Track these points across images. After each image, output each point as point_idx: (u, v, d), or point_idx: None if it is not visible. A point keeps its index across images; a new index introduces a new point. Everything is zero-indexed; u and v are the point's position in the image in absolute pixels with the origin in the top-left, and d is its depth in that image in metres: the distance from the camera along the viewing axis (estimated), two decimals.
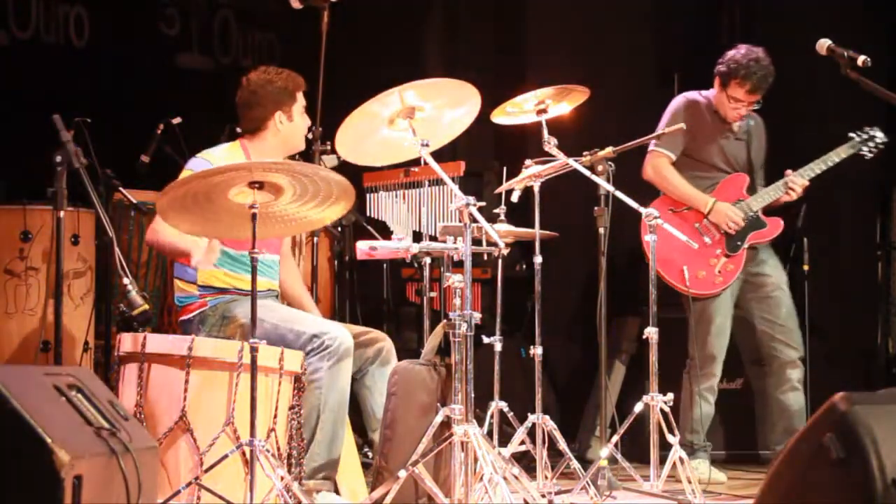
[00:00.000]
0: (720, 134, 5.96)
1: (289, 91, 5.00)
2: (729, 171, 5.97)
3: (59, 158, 4.59)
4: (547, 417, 5.26)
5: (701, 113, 5.95)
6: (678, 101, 6.01)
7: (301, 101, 5.04)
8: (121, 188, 5.31)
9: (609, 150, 5.25)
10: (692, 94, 6.03)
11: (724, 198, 5.94)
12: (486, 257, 5.45)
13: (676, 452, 5.07)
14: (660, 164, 5.92)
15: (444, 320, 4.55)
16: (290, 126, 5.01)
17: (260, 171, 4.16)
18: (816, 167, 5.90)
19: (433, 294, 6.04)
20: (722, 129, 5.96)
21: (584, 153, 5.27)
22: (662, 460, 5.17)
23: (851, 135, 5.96)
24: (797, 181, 5.87)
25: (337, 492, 4.81)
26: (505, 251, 4.98)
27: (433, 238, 6.04)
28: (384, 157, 5.03)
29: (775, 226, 5.94)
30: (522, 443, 5.32)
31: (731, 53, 5.86)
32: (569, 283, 7.17)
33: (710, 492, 5.48)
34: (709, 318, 5.86)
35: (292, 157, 5.33)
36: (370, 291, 7.09)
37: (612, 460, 5.19)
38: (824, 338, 6.69)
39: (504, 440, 5.37)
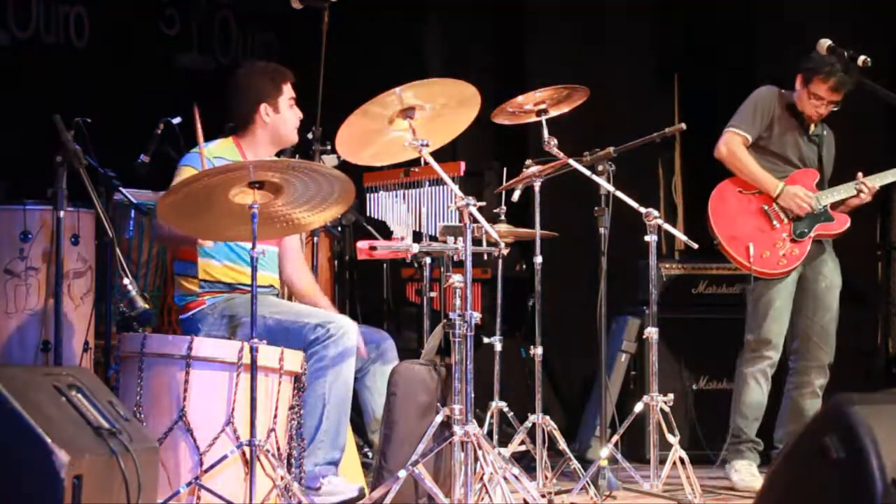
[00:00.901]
0: (797, 130, 5.91)
1: (274, 83, 4.98)
2: (800, 167, 5.93)
3: (59, 158, 4.60)
4: (547, 417, 5.27)
5: (782, 104, 5.89)
6: (761, 88, 5.94)
7: (288, 93, 5.00)
8: (121, 188, 5.31)
9: (609, 150, 5.26)
10: (775, 87, 5.97)
11: None
12: (486, 257, 5.45)
13: (676, 452, 5.07)
14: (734, 143, 5.85)
15: (444, 320, 4.55)
16: (277, 118, 4.99)
17: (260, 170, 4.16)
18: (891, 175, 5.87)
19: (433, 294, 6.04)
20: (798, 126, 5.91)
21: (585, 153, 5.28)
22: (662, 460, 5.17)
23: None
24: (868, 183, 5.84)
25: None
26: (505, 251, 4.98)
27: (433, 238, 6.04)
28: (384, 157, 5.03)
29: (842, 221, 5.89)
30: (522, 443, 5.32)
31: (816, 51, 5.80)
32: (569, 283, 7.17)
33: (710, 492, 5.47)
34: (768, 301, 5.79)
35: (291, 155, 5.33)
36: (370, 291, 7.09)
37: (612, 460, 5.19)
38: None
39: (504, 440, 5.37)
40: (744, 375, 5.83)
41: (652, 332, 5.26)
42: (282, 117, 4.99)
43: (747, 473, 5.72)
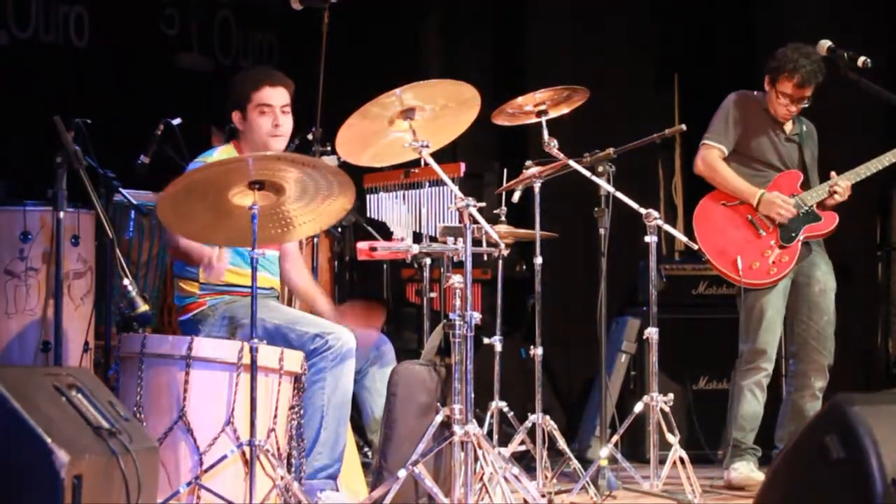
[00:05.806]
0: (773, 132, 5.87)
1: (243, 90, 4.93)
2: (782, 170, 5.89)
3: (59, 159, 4.60)
4: (547, 417, 5.27)
5: (753, 108, 5.83)
6: (730, 96, 5.89)
7: (257, 100, 4.89)
8: (121, 189, 5.31)
9: (609, 150, 5.25)
10: (744, 91, 5.93)
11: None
12: (486, 258, 5.45)
13: (676, 452, 5.07)
14: (710, 157, 5.81)
15: (444, 321, 4.55)
16: (246, 125, 4.93)
17: (259, 163, 4.15)
18: (863, 171, 5.82)
19: (433, 294, 6.04)
20: (774, 127, 5.87)
21: (585, 154, 5.28)
22: (662, 460, 5.17)
23: None
24: (841, 183, 5.80)
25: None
26: (505, 252, 4.98)
27: (433, 239, 6.04)
28: (384, 158, 5.03)
29: (830, 220, 5.83)
30: (522, 443, 5.32)
31: (779, 50, 5.77)
32: (569, 284, 7.17)
33: (709, 491, 5.48)
34: (760, 311, 5.75)
35: None
36: (370, 291, 7.09)
37: (612, 460, 5.20)
38: None
39: (504, 440, 5.37)
40: (740, 388, 5.77)
41: (652, 333, 5.26)
42: (249, 125, 4.93)
43: (746, 470, 5.71)
